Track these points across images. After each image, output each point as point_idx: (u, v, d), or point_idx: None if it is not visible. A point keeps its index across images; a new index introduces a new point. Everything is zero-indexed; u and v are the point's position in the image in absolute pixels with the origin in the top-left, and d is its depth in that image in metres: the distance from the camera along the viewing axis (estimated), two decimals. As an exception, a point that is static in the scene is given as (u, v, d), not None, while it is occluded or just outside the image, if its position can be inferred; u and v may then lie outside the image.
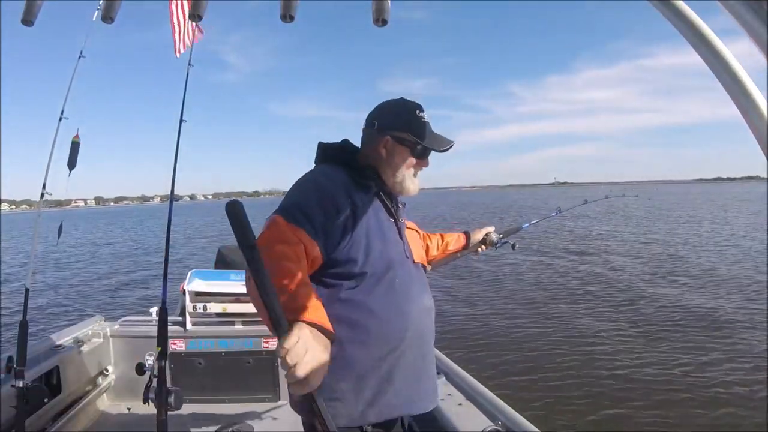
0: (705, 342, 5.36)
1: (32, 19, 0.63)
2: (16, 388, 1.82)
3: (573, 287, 8.43)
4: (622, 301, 7.32)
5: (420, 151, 1.24)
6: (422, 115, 1.24)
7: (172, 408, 1.79)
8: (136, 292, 9.61)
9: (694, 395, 4.09)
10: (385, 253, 1.17)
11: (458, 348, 5.17)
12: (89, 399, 2.54)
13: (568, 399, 4.07)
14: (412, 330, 1.18)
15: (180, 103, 2.14)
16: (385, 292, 1.15)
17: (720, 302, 7.03)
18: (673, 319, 6.31)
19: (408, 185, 1.26)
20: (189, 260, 12.72)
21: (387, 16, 0.58)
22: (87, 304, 8.68)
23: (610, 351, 5.18)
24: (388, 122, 1.24)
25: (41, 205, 2.19)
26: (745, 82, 0.48)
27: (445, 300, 7.77)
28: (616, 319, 6.39)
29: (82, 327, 2.69)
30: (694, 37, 0.50)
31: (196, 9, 0.59)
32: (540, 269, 10.31)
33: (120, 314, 3.72)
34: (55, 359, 2.31)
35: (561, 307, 7.12)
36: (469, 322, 6.41)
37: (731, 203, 34.08)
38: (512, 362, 4.92)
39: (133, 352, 2.67)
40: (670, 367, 4.69)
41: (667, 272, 9.48)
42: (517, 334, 5.85)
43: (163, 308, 1.94)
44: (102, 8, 0.63)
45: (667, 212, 26.76)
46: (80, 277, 11.56)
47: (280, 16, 0.59)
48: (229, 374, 2.73)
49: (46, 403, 2.15)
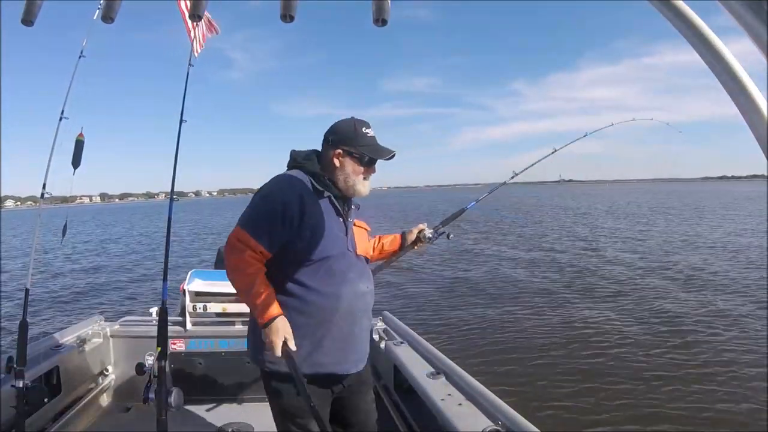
0: (710, 341, 5.37)
1: (32, 19, 0.63)
2: (16, 388, 1.82)
3: (574, 286, 8.43)
4: (622, 301, 7.32)
5: (367, 160, 1.55)
6: (368, 131, 1.55)
7: (172, 408, 1.79)
8: (136, 292, 9.61)
9: (696, 395, 4.10)
10: (327, 245, 1.49)
11: (458, 347, 5.18)
12: (89, 399, 2.54)
13: (568, 399, 4.07)
14: (344, 307, 1.50)
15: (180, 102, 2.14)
16: (323, 275, 1.48)
17: (721, 301, 7.04)
18: (679, 318, 6.31)
19: (359, 188, 1.57)
20: (189, 260, 12.72)
21: (387, 16, 0.58)
22: (87, 304, 8.68)
23: (610, 351, 5.19)
24: (339, 138, 1.54)
25: (42, 205, 2.19)
26: (745, 82, 0.48)
27: (445, 298, 7.79)
28: (616, 319, 6.39)
29: (82, 327, 2.68)
30: (694, 37, 0.50)
31: (196, 9, 0.59)
32: (541, 268, 10.32)
33: (120, 314, 3.72)
34: (55, 359, 2.31)
35: (561, 306, 7.12)
36: (469, 321, 6.42)
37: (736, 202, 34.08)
38: (512, 362, 4.92)
39: (133, 352, 2.67)
40: (672, 366, 4.70)
41: (674, 272, 9.49)
42: (517, 334, 5.85)
43: (163, 308, 1.94)
44: (102, 8, 0.63)
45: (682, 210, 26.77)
46: (80, 277, 11.56)
47: (280, 16, 0.59)
48: (229, 374, 2.73)
49: (46, 403, 2.15)
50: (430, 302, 7.66)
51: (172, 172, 2.06)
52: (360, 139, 1.53)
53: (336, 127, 1.58)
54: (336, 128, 1.57)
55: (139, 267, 13.03)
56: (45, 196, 2.15)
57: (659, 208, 30.29)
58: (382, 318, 2.79)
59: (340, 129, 1.56)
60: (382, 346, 2.49)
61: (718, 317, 6.29)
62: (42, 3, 0.63)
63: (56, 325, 6.59)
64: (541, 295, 7.94)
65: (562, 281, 8.99)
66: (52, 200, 2.20)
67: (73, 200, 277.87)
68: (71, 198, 4.47)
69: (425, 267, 10.84)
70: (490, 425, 1.49)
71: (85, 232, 27.89)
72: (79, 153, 2.17)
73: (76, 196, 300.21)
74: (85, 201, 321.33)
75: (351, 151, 1.53)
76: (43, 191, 2.14)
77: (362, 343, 1.61)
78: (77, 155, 2.16)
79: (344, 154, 1.53)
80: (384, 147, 1.57)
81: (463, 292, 8.33)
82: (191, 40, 2.34)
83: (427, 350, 2.19)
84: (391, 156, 1.56)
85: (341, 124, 1.57)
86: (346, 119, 1.59)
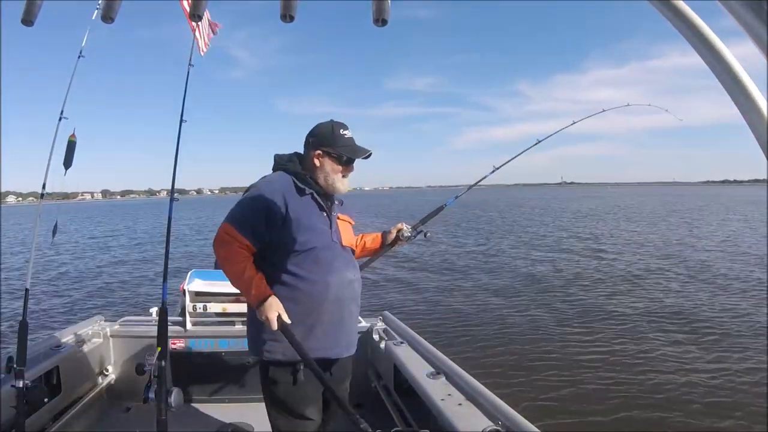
0: (712, 343, 5.37)
1: (32, 19, 0.63)
2: (16, 388, 1.82)
3: (574, 286, 8.44)
4: (623, 301, 7.32)
5: (345, 160, 1.67)
6: (345, 133, 1.68)
7: (172, 408, 1.79)
8: (136, 292, 9.60)
9: (697, 395, 4.10)
10: (312, 237, 1.61)
11: (458, 347, 5.18)
12: (89, 399, 2.54)
13: (568, 399, 4.07)
14: (333, 294, 1.61)
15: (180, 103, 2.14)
16: (310, 264, 1.60)
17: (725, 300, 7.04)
18: (679, 318, 6.32)
19: (338, 186, 1.69)
20: (189, 260, 12.71)
21: (387, 16, 0.58)
22: (87, 304, 8.67)
23: (610, 351, 5.19)
24: (319, 140, 1.67)
25: (42, 205, 2.19)
26: (745, 82, 0.48)
27: (445, 298, 7.79)
28: (617, 318, 6.39)
29: (82, 327, 2.68)
30: (695, 38, 0.50)
31: (196, 9, 0.59)
32: (541, 267, 10.32)
33: (120, 314, 3.72)
34: (55, 359, 2.30)
35: (561, 306, 7.12)
36: (469, 321, 6.42)
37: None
38: (512, 361, 4.92)
39: (133, 352, 2.67)
40: (674, 368, 4.69)
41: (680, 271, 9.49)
42: (517, 334, 5.85)
43: (163, 308, 1.93)
44: (102, 8, 0.63)
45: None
46: (80, 277, 11.55)
47: (279, 16, 0.59)
48: (229, 374, 2.73)
49: (46, 403, 2.15)
50: (430, 302, 7.66)
51: (173, 172, 2.06)
52: (338, 141, 1.66)
53: (316, 129, 1.70)
54: (316, 131, 1.70)
55: (140, 267, 13.02)
56: (45, 195, 2.15)
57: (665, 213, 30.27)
58: (382, 318, 2.79)
59: (319, 132, 1.69)
60: (382, 346, 2.49)
61: (721, 316, 6.30)
62: (42, 3, 0.63)
63: (56, 325, 6.58)
64: (541, 294, 7.94)
65: (562, 281, 8.99)
66: (53, 197, 2.20)
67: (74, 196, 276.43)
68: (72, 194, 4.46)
69: (425, 267, 10.85)
70: (490, 425, 1.49)
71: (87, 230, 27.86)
72: (71, 154, 2.17)
73: (78, 193, 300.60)
74: (87, 197, 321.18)
75: (330, 151, 1.66)
76: (43, 191, 2.15)
77: (352, 328, 1.75)
78: (69, 156, 2.17)
79: (323, 154, 1.66)
80: (360, 147, 1.70)
81: (463, 292, 8.33)
82: (196, 39, 2.34)
83: (427, 350, 2.20)
84: (367, 155, 1.70)
85: (320, 127, 1.70)
86: (325, 122, 1.71)
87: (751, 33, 0.39)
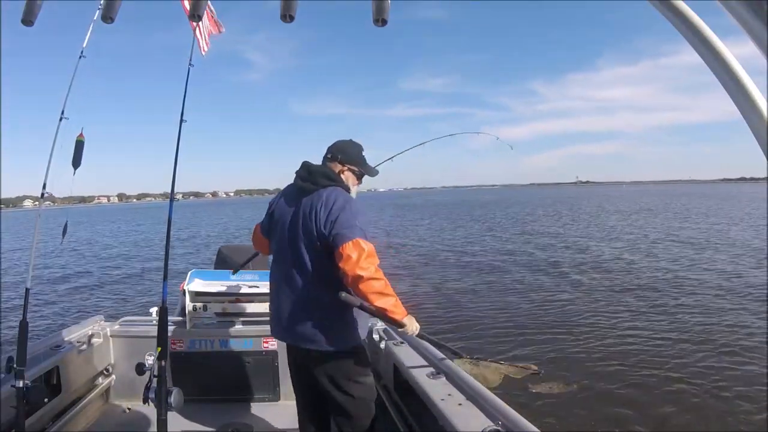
0: (712, 342, 5.36)
1: (32, 19, 0.63)
2: (16, 388, 1.82)
3: (573, 287, 8.44)
4: (624, 301, 7.32)
5: (361, 176, 2.04)
6: (363, 154, 2.04)
7: (172, 408, 1.79)
8: (136, 292, 9.61)
9: (697, 395, 4.09)
10: None
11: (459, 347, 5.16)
12: (89, 399, 2.54)
13: (568, 399, 4.06)
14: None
15: (181, 103, 2.13)
16: None
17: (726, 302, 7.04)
18: (679, 318, 6.31)
19: (352, 195, 1.98)
20: (189, 260, 12.71)
21: (386, 16, 0.58)
22: (87, 304, 8.68)
23: (610, 351, 5.18)
24: (348, 159, 1.99)
25: (42, 206, 2.19)
26: (745, 82, 0.48)
27: (445, 298, 7.78)
28: (617, 318, 6.39)
29: (82, 327, 2.68)
30: (694, 38, 0.50)
31: (196, 9, 0.59)
32: (541, 268, 10.32)
33: (120, 314, 3.72)
34: (55, 359, 2.30)
35: (561, 306, 7.12)
36: (469, 321, 6.41)
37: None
38: (512, 361, 4.91)
39: (133, 352, 2.67)
40: (674, 367, 4.69)
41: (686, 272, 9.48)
42: (518, 334, 5.85)
43: (163, 308, 1.93)
44: (102, 8, 0.63)
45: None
46: (80, 277, 11.56)
47: (279, 16, 0.59)
48: (229, 374, 2.73)
49: (46, 403, 2.15)
50: (430, 302, 7.66)
51: (173, 172, 2.06)
52: (363, 162, 2.04)
53: (344, 148, 2.00)
54: (345, 149, 1.99)
55: (140, 267, 13.02)
56: (45, 195, 2.15)
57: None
58: None
59: (349, 151, 2.00)
60: (382, 346, 2.49)
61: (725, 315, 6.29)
62: (42, 3, 0.63)
63: (56, 325, 6.58)
64: (541, 295, 7.93)
65: (561, 281, 8.99)
66: (70, 200, 2.20)
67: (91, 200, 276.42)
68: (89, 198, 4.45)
69: (426, 267, 10.84)
70: (490, 425, 1.49)
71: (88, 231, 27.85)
72: (79, 153, 2.17)
73: (95, 197, 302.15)
74: (104, 201, 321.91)
75: (354, 169, 2.00)
76: (43, 191, 2.14)
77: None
78: (77, 156, 2.17)
79: (349, 170, 1.99)
80: (373, 167, 2.12)
81: (463, 292, 8.32)
82: (197, 39, 2.35)
83: (427, 350, 2.20)
84: (376, 174, 2.13)
85: (350, 148, 2.01)
86: (351, 143, 2.03)
87: (751, 33, 0.39)
